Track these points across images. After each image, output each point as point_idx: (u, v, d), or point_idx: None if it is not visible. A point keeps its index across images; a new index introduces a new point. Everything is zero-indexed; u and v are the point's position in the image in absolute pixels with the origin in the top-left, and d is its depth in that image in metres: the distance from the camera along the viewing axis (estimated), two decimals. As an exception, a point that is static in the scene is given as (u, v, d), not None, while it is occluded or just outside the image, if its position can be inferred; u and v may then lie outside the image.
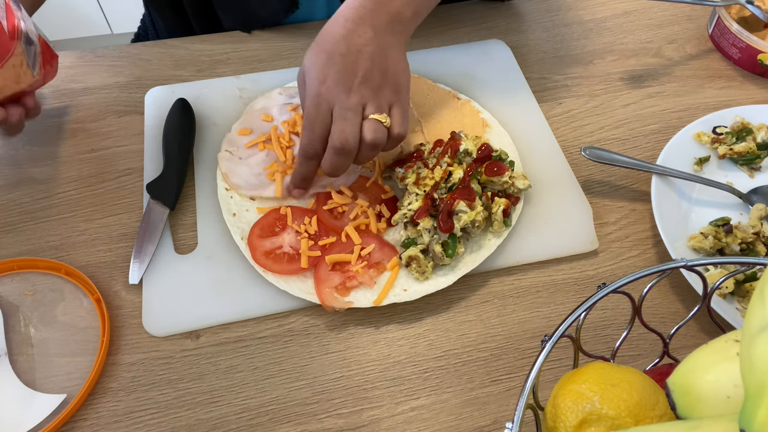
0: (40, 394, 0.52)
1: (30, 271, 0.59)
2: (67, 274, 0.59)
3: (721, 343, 0.35)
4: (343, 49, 0.56)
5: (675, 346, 0.54)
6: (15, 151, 0.69)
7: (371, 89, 0.57)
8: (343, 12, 0.58)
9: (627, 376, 0.38)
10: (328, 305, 0.55)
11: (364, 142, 0.57)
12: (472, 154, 0.61)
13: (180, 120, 0.67)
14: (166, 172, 0.64)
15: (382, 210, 0.61)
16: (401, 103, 0.59)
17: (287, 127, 0.66)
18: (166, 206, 0.62)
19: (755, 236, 0.61)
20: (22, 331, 0.55)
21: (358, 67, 0.56)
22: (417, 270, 0.57)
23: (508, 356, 0.56)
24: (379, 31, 0.58)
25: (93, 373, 0.52)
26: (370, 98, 0.57)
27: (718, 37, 0.81)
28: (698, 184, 0.65)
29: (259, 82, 0.75)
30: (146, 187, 0.63)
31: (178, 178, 0.64)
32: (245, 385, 0.54)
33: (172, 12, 0.87)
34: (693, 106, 0.75)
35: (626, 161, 0.65)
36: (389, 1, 0.58)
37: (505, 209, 0.59)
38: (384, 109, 0.58)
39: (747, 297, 0.57)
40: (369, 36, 0.57)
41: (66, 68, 0.77)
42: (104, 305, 0.56)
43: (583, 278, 0.61)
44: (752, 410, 0.27)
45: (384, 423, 0.52)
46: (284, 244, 0.59)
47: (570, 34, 0.84)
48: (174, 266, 0.59)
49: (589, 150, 0.65)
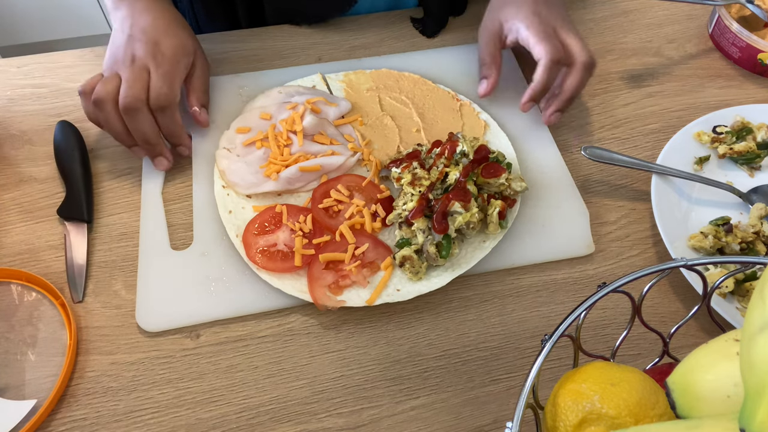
0: (8, 401, 0.52)
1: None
2: (28, 281, 0.58)
3: (721, 343, 0.35)
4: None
5: (675, 346, 0.54)
6: (15, 151, 0.69)
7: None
8: None
9: (627, 375, 0.38)
10: (320, 304, 0.55)
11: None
12: (469, 155, 0.61)
13: (66, 141, 0.67)
14: (69, 192, 0.64)
15: (377, 209, 0.61)
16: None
17: (285, 125, 0.66)
18: (83, 222, 0.62)
19: (755, 235, 0.61)
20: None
21: None
22: (411, 270, 0.57)
23: (508, 355, 0.56)
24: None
25: (61, 378, 0.52)
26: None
27: (718, 37, 0.81)
28: (698, 183, 0.65)
29: (259, 80, 0.75)
30: (57, 212, 0.63)
31: (85, 192, 0.64)
32: (245, 385, 0.54)
33: (216, 2, 0.86)
34: (693, 106, 0.75)
35: (626, 161, 0.65)
36: None
37: (500, 211, 0.59)
38: None
39: (747, 296, 0.57)
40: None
41: (66, 67, 0.77)
42: (69, 309, 0.56)
43: (583, 278, 0.61)
44: (752, 410, 0.27)
45: (384, 422, 0.52)
46: (279, 242, 0.59)
47: (570, 33, 0.84)
48: (168, 262, 0.60)
49: (589, 149, 0.65)
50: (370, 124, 0.69)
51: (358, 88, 0.73)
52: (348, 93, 0.73)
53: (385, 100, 0.72)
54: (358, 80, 0.74)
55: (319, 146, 0.66)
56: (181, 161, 0.67)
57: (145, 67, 0.62)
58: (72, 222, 0.62)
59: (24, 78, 0.76)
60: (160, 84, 0.61)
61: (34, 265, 0.60)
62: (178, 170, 0.67)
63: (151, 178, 0.66)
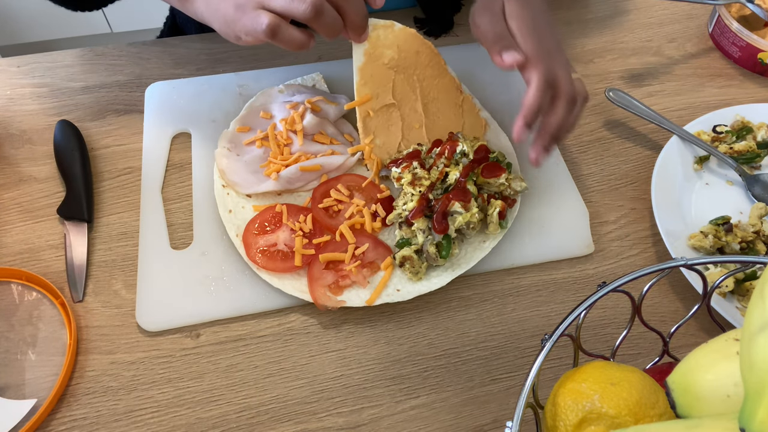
0: (8, 401, 0.52)
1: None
2: (28, 280, 0.58)
3: (721, 342, 0.35)
4: None
5: (675, 345, 0.54)
6: (15, 151, 0.69)
7: None
8: None
9: (627, 374, 0.38)
10: (320, 304, 0.55)
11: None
12: (469, 155, 0.61)
13: (66, 141, 0.67)
14: (69, 191, 0.64)
15: (377, 209, 0.61)
16: None
17: (285, 125, 0.66)
18: (83, 221, 0.62)
19: (755, 235, 0.61)
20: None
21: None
22: (411, 270, 0.57)
23: (508, 355, 0.56)
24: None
25: (61, 377, 0.52)
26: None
27: (719, 36, 0.81)
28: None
29: (260, 79, 0.75)
30: (57, 211, 0.63)
31: (85, 192, 0.64)
32: (245, 384, 0.54)
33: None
34: (693, 105, 0.75)
35: (647, 112, 0.70)
36: None
37: (501, 211, 0.59)
38: None
39: (747, 296, 0.57)
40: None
41: (66, 67, 0.77)
42: (69, 309, 0.56)
43: (583, 277, 0.61)
44: (752, 409, 0.27)
45: (384, 422, 0.52)
46: (279, 241, 0.59)
47: (570, 32, 0.84)
48: (168, 261, 0.60)
49: (613, 91, 0.70)
50: (377, 112, 0.66)
51: (379, 55, 0.66)
52: (367, 60, 0.65)
53: (398, 83, 0.67)
54: (385, 37, 0.65)
55: (319, 146, 0.66)
56: (180, 161, 0.67)
57: None
58: (72, 221, 0.62)
59: (24, 77, 0.76)
60: None
61: (34, 265, 0.60)
62: (178, 170, 0.67)
63: (151, 178, 0.66)
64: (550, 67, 0.57)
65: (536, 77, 0.56)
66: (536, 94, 0.56)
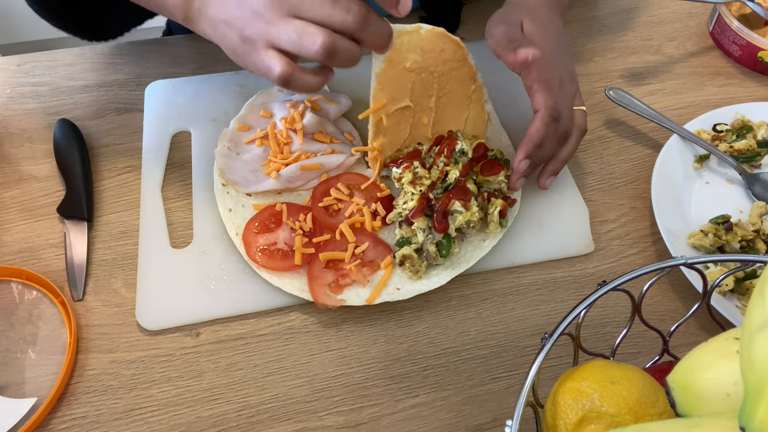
0: (8, 400, 0.52)
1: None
2: (28, 279, 0.58)
3: (721, 341, 0.35)
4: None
5: (675, 344, 0.54)
6: (15, 149, 0.69)
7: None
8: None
9: (627, 373, 0.38)
10: (320, 303, 0.55)
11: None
12: (468, 153, 0.61)
13: (66, 140, 0.67)
14: (69, 190, 0.64)
15: (377, 208, 0.61)
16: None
17: (285, 123, 0.66)
18: (83, 220, 0.62)
19: (755, 234, 0.61)
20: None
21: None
22: (410, 269, 0.57)
23: (508, 354, 0.56)
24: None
25: (61, 376, 0.52)
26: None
27: (719, 35, 0.81)
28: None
29: (260, 78, 0.74)
30: (57, 210, 0.63)
31: (85, 191, 0.64)
32: (245, 383, 0.54)
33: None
34: (693, 104, 0.75)
35: (646, 110, 0.70)
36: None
37: (501, 210, 0.59)
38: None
39: (747, 295, 0.57)
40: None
41: (66, 66, 0.77)
42: (69, 308, 0.56)
43: (583, 276, 0.61)
44: (752, 408, 0.27)
45: (384, 420, 0.52)
46: (279, 240, 0.59)
47: (570, 31, 0.84)
48: (168, 260, 0.59)
49: (614, 90, 0.70)
50: (391, 115, 0.63)
51: (401, 60, 0.60)
52: (387, 66, 0.59)
53: (416, 83, 0.63)
54: (410, 42, 0.59)
55: (319, 144, 0.66)
56: (180, 160, 0.67)
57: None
58: (72, 220, 0.62)
59: (24, 76, 0.76)
60: (337, 11, 0.51)
61: (34, 264, 0.60)
62: (177, 168, 0.67)
63: (151, 177, 0.66)
64: (557, 100, 0.58)
65: (543, 109, 0.57)
66: (541, 127, 0.57)
